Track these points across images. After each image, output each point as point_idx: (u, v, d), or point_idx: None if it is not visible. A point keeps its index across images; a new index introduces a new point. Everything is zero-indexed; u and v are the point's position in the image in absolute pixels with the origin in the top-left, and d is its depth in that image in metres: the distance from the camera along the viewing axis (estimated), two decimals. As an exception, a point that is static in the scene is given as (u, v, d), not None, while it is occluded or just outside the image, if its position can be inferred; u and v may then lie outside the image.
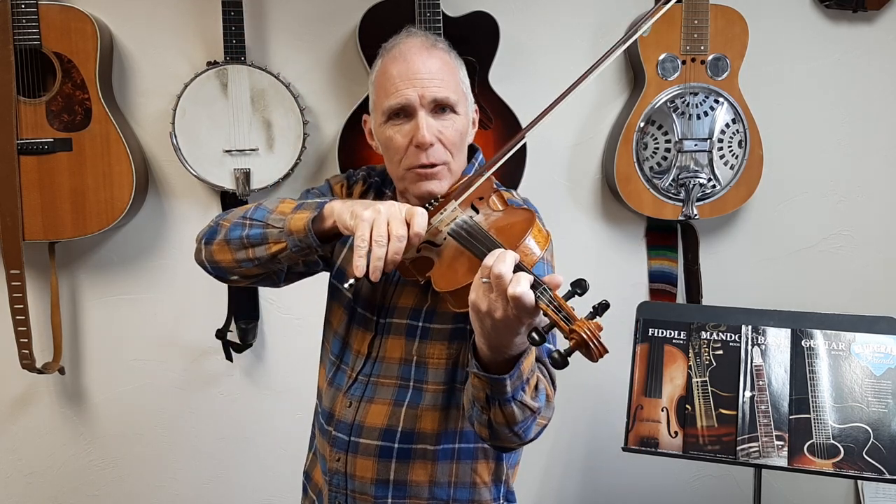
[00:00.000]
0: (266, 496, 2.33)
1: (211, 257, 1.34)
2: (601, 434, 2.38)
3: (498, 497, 1.40)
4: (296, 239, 1.23)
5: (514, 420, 1.14)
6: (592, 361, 1.00)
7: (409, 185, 1.33)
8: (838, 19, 2.31)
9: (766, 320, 1.85)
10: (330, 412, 1.38)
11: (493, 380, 1.10)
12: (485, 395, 1.13)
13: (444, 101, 1.29)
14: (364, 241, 1.13)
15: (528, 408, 1.14)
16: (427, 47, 1.32)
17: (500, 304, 1.03)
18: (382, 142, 1.35)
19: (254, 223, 1.29)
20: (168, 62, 2.16)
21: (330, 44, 2.21)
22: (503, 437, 1.17)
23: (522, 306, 1.00)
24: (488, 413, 1.14)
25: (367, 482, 1.33)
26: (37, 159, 2.00)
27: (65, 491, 2.29)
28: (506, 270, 1.02)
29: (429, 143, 1.28)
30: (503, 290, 1.01)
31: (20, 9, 1.95)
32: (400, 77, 1.29)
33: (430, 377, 1.32)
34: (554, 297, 1.01)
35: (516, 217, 1.22)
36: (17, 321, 2.07)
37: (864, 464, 1.70)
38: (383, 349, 1.35)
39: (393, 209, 1.16)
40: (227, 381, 2.29)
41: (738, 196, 2.21)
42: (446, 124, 1.30)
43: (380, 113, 1.33)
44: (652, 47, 2.13)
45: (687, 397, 1.83)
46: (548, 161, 2.28)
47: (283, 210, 1.27)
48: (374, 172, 1.49)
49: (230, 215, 1.34)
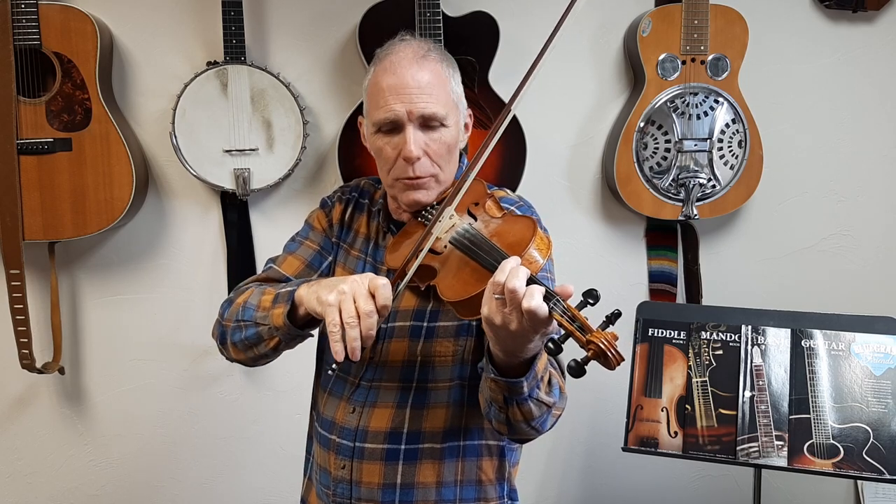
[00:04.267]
0: (266, 496, 2.33)
1: (231, 357, 1.41)
2: (601, 434, 2.38)
3: (502, 495, 1.42)
4: (283, 332, 1.27)
5: (531, 416, 1.19)
6: (610, 370, 1.03)
7: (397, 193, 1.37)
8: (838, 19, 2.31)
9: (766, 320, 1.85)
10: (331, 420, 1.38)
11: (510, 383, 1.14)
12: (503, 397, 1.17)
13: (432, 116, 1.31)
14: (336, 326, 1.15)
15: (544, 404, 1.19)
16: (419, 58, 1.33)
17: (514, 317, 1.05)
18: (374, 150, 1.39)
19: (247, 325, 1.33)
20: (168, 62, 2.16)
21: (330, 44, 2.21)
22: (521, 431, 1.22)
23: (537, 319, 1.03)
24: (506, 412, 1.19)
25: (374, 487, 1.34)
26: (37, 159, 2.00)
27: (65, 491, 2.29)
28: (519, 285, 1.04)
29: (415, 158, 1.31)
30: (517, 304, 1.04)
31: (20, 9, 1.95)
32: (390, 91, 1.31)
33: (437, 375, 1.34)
34: (567, 307, 1.04)
35: (517, 225, 1.23)
36: (16, 321, 2.07)
37: (864, 464, 1.70)
38: (385, 353, 1.36)
39: (356, 286, 1.17)
40: (227, 381, 2.29)
41: (738, 196, 2.21)
42: (434, 137, 1.33)
43: (371, 123, 1.36)
44: (652, 47, 2.13)
45: (687, 397, 1.82)
46: (548, 161, 2.28)
47: (265, 305, 1.30)
48: (348, 189, 1.52)
49: (229, 313, 1.38)
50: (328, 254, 1.46)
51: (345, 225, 1.47)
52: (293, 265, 1.44)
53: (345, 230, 1.47)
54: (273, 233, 2.22)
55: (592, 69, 2.28)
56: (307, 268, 1.43)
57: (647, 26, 2.13)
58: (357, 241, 1.46)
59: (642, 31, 2.12)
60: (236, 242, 2.21)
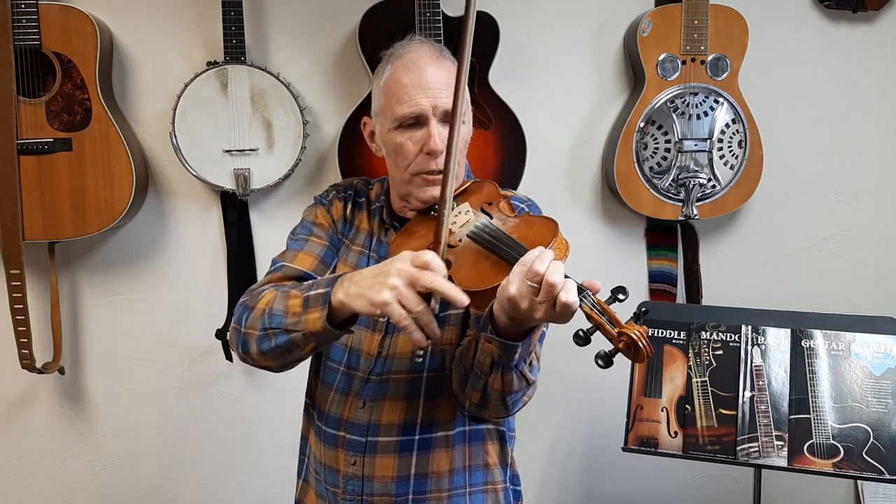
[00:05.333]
0: (266, 496, 2.33)
1: (258, 365, 1.33)
2: (601, 434, 2.38)
3: (506, 479, 1.45)
4: (322, 337, 1.23)
5: (510, 389, 1.20)
6: (639, 362, 1.05)
7: (414, 189, 1.38)
8: (838, 19, 2.31)
9: (766, 320, 1.85)
10: (339, 417, 1.38)
11: (505, 345, 1.16)
12: (490, 361, 1.18)
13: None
14: (406, 319, 1.13)
15: (525, 379, 1.22)
16: (436, 57, 1.38)
17: (543, 307, 1.07)
18: (390, 147, 1.38)
19: (276, 332, 1.26)
20: (168, 62, 2.16)
21: (330, 44, 2.21)
22: (491, 405, 1.23)
23: (568, 312, 1.06)
24: (486, 379, 1.20)
25: (388, 481, 1.35)
26: (37, 159, 2.00)
27: (65, 491, 2.29)
28: (559, 280, 1.06)
29: (440, 151, 1.33)
30: (553, 297, 1.06)
31: (20, 9, 1.95)
32: (413, 86, 1.33)
33: (447, 363, 1.36)
34: (597, 301, 1.07)
35: (537, 225, 1.26)
36: (16, 321, 2.07)
37: (864, 464, 1.70)
38: (394, 346, 1.37)
39: (402, 272, 1.13)
40: (227, 381, 2.29)
41: (738, 196, 2.21)
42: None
43: (390, 119, 1.36)
44: (652, 47, 2.13)
45: (687, 397, 1.83)
46: (548, 161, 2.28)
47: (295, 310, 1.24)
48: (342, 188, 1.52)
49: (251, 320, 1.30)
50: (336, 250, 1.45)
51: (347, 221, 1.48)
52: (307, 261, 1.40)
53: (347, 226, 1.48)
54: (273, 233, 2.22)
55: (592, 69, 2.28)
56: (321, 263, 1.41)
57: (647, 26, 2.13)
58: (358, 237, 1.47)
59: (642, 31, 2.12)
60: (236, 242, 2.21)
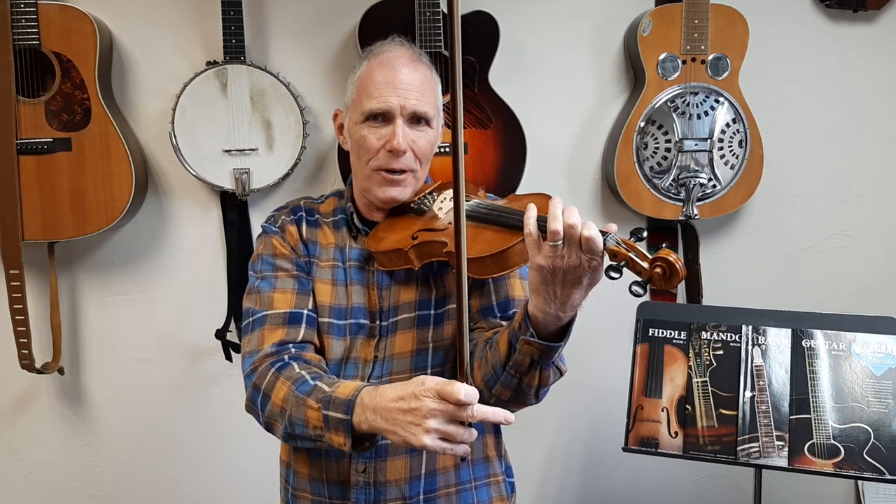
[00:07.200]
0: (266, 496, 2.33)
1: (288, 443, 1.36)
2: (601, 434, 2.38)
3: (503, 471, 1.47)
4: (346, 448, 1.20)
5: (546, 382, 1.23)
6: (671, 288, 1.11)
7: (374, 186, 1.40)
8: (838, 19, 2.31)
9: (767, 320, 1.85)
10: None
11: (547, 346, 1.17)
12: (530, 360, 1.19)
13: (423, 114, 1.38)
14: (449, 449, 1.11)
15: (560, 371, 1.25)
16: (413, 60, 1.40)
17: (571, 252, 1.09)
18: (355, 139, 1.40)
19: (302, 438, 1.26)
20: (168, 62, 2.16)
21: (330, 44, 2.20)
22: (524, 398, 1.25)
23: (594, 248, 1.08)
24: (522, 377, 1.21)
25: (400, 483, 1.35)
26: (36, 159, 2.00)
27: (65, 491, 2.29)
28: (576, 220, 1.09)
29: (402, 151, 1.36)
30: (577, 238, 1.08)
31: (20, 8, 1.95)
32: (385, 83, 1.36)
33: (448, 357, 1.37)
34: (621, 239, 1.11)
35: (529, 197, 1.27)
36: (16, 321, 2.07)
37: (865, 464, 1.70)
38: (390, 348, 1.38)
39: (430, 409, 1.09)
40: (226, 382, 2.29)
41: (739, 196, 2.20)
42: (420, 135, 1.39)
43: (358, 112, 1.39)
44: (652, 47, 2.13)
45: (687, 397, 1.82)
46: (548, 161, 2.28)
47: (315, 423, 1.22)
48: (287, 210, 1.49)
49: (269, 413, 1.30)
50: (307, 272, 1.43)
51: (305, 242, 1.45)
52: (285, 300, 1.37)
53: (309, 246, 1.45)
54: (273, 233, 2.22)
55: (593, 69, 2.28)
56: (299, 295, 1.38)
57: (648, 26, 2.12)
58: (325, 253, 1.44)
59: (642, 31, 2.12)
60: (236, 242, 2.20)
